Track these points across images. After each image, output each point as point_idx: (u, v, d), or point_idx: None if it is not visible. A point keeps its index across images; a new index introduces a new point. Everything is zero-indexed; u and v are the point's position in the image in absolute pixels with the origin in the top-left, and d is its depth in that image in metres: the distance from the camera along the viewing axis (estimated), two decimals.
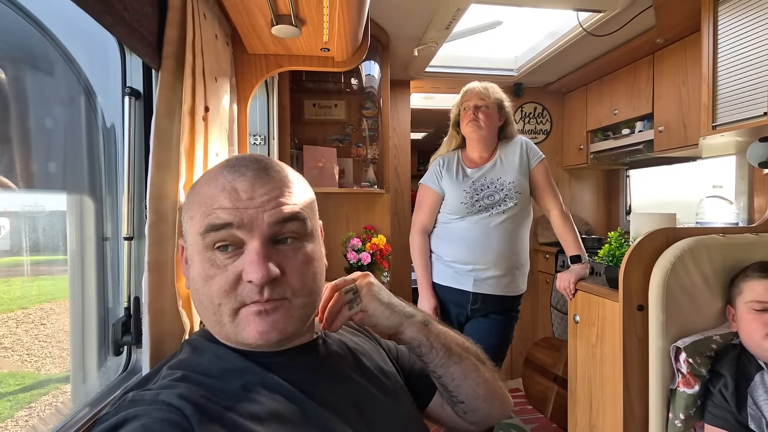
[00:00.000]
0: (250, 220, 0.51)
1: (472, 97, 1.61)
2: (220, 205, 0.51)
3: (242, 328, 0.52)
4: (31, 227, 0.75)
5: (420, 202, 1.71)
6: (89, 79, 0.83)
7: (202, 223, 0.51)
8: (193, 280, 0.54)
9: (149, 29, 0.74)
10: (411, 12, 1.92)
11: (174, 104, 0.78)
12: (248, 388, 0.52)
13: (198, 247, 0.52)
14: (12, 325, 0.77)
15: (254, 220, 0.51)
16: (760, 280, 1.01)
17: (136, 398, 0.48)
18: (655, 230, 1.18)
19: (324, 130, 2.33)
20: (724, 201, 1.58)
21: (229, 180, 0.52)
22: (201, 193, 0.53)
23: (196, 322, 0.82)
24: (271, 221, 0.52)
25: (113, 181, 0.86)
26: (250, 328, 0.51)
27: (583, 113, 2.86)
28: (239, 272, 0.51)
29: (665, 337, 1.08)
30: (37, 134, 0.75)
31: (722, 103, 1.58)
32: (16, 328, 0.78)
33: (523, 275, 1.66)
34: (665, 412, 1.09)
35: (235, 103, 1.13)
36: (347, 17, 0.97)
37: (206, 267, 0.52)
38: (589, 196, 3.19)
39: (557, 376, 2.32)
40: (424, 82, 2.84)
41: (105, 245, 0.86)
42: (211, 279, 0.51)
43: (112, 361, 0.85)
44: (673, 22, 1.93)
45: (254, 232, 0.51)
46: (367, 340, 0.73)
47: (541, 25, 2.30)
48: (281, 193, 0.54)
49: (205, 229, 0.51)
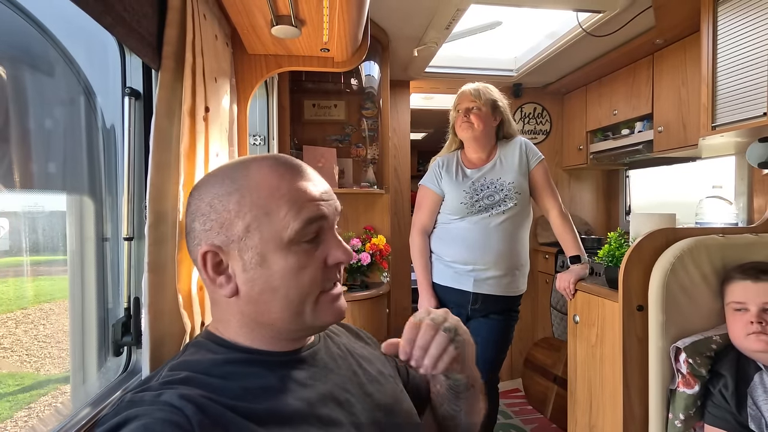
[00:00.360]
0: (332, 212, 0.57)
1: (464, 100, 1.62)
2: (311, 199, 0.54)
3: (323, 313, 0.57)
4: (31, 228, 0.75)
5: (420, 202, 1.71)
6: (89, 80, 0.83)
7: (299, 218, 0.53)
8: (273, 277, 0.53)
9: (149, 29, 0.74)
10: (411, 12, 1.92)
11: (174, 105, 0.78)
12: (250, 389, 0.52)
13: (282, 243, 0.53)
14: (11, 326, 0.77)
15: (333, 211, 0.57)
16: (739, 282, 1.04)
17: (137, 399, 0.47)
18: (655, 230, 1.18)
19: (324, 130, 2.33)
20: (724, 201, 1.58)
21: (297, 173, 0.56)
22: (273, 188, 0.53)
23: (197, 323, 0.82)
24: (335, 211, 0.58)
25: (113, 181, 0.86)
26: (329, 312, 0.57)
27: (583, 113, 2.86)
28: (324, 258, 0.56)
29: (665, 337, 1.09)
30: (36, 134, 0.75)
31: (722, 103, 1.58)
32: (15, 328, 0.78)
33: (523, 275, 1.66)
34: (665, 412, 1.09)
35: (235, 103, 1.13)
36: (347, 18, 0.97)
37: (297, 259, 0.54)
38: (589, 197, 3.19)
39: (557, 376, 2.33)
40: (423, 82, 2.84)
41: (105, 246, 0.86)
42: (304, 270, 0.54)
43: (112, 362, 0.85)
44: (673, 22, 1.93)
45: (332, 222, 0.57)
46: (366, 346, 0.74)
47: (540, 25, 2.30)
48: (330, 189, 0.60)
49: (303, 223, 0.53)
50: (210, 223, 0.54)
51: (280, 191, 0.54)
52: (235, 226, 0.53)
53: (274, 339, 0.58)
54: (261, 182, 0.54)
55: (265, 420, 0.49)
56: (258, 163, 0.56)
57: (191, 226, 0.56)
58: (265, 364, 0.56)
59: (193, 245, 0.56)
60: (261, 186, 0.54)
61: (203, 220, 0.55)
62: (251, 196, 0.54)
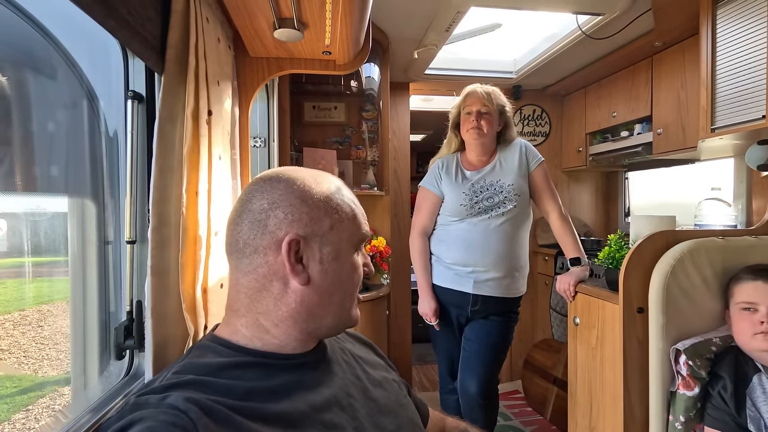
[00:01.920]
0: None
1: (475, 102, 1.60)
2: (365, 219, 0.67)
3: (355, 311, 0.65)
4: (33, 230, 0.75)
5: (419, 204, 1.71)
6: (92, 83, 0.83)
7: (359, 233, 0.64)
8: (342, 272, 0.61)
9: (153, 33, 0.74)
10: (411, 15, 1.92)
11: (177, 108, 0.78)
12: (255, 392, 0.52)
13: (351, 244, 0.62)
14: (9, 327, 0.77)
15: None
16: (749, 282, 1.04)
17: (142, 401, 0.48)
18: (655, 233, 1.18)
19: (324, 132, 2.33)
20: (723, 203, 1.59)
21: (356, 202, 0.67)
22: (352, 201, 0.65)
23: (200, 326, 0.82)
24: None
25: (115, 184, 0.86)
26: (356, 311, 0.65)
27: (582, 115, 2.87)
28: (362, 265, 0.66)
29: (665, 339, 1.09)
30: (39, 138, 0.74)
31: (721, 106, 1.58)
32: (13, 330, 0.77)
33: (523, 277, 1.66)
34: (665, 414, 1.09)
35: (236, 106, 1.13)
36: (349, 21, 0.97)
37: (356, 261, 0.63)
38: (588, 198, 3.20)
39: (557, 378, 2.33)
40: (423, 84, 2.85)
41: (107, 249, 0.86)
42: (358, 269, 0.64)
43: (114, 366, 0.85)
44: (672, 25, 1.94)
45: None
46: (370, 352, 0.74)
47: (540, 27, 2.31)
48: None
49: (361, 237, 0.64)
50: (299, 215, 0.58)
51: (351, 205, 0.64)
52: (322, 222, 0.59)
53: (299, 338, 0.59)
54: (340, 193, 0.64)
55: (270, 422, 0.50)
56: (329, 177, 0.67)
57: (271, 213, 0.58)
58: (271, 368, 0.56)
59: (271, 230, 0.58)
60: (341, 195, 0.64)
61: (290, 211, 0.58)
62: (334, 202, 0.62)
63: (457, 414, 1.73)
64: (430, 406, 0.82)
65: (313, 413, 0.54)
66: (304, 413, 0.53)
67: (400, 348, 2.65)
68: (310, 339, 0.61)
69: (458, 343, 1.67)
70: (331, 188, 0.63)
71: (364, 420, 0.58)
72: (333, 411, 0.56)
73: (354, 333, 0.77)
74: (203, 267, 0.85)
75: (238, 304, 0.59)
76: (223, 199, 0.97)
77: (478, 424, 1.62)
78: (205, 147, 0.85)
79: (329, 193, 0.62)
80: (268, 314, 0.58)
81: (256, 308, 0.58)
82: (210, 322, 0.87)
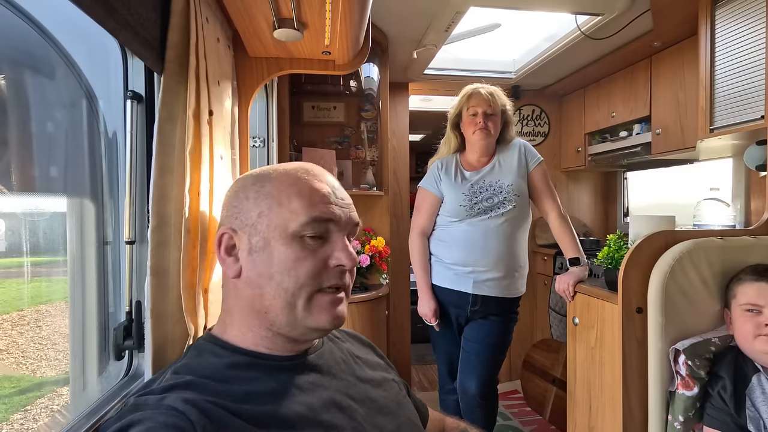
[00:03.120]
0: (346, 219, 0.59)
1: (481, 103, 1.59)
2: (324, 200, 0.57)
3: (315, 314, 0.57)
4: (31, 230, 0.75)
5: (419, 205, 1.71)
6: (91, 83, 0.82)
7: (307, 213, 0.56)
8: (270, 263, 0.55)
9: (152, 33, 0.74)
10: (410, 15, 1.92)
11: (176, 108, 0.78)
12: (253, 393, 0.52)
13: (286, 232, 0.56)
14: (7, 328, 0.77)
15: (347, 218, 0.60)
16: (753, 283, 1.03)
17: (141, 402, 0.48)
18: (654, 233, 1.18)
19: (323, 132, 2.33)
20: (721, 203, 1.59)
21: (319, 179, 0.59)
22: (294, 183, 0.57)
23: (200, 326, 0.82)
24: (350, 222, 0.60)
25: (114, 184, 0.86)
26: (324, 315, 0.57)
27: (581, 116, 2.87)
28: (326, 258, 0.57)
29: (664, 339, 1.09)
30: (38, 138, 0.74)
31: (719, 106, 1.59)
32: (11, 330, 0.77)
33: (523, 277, 1.66)
34: (664, 414, 1.09)
35: (236, 106, 1.13)
36: (349, 20, 0.97)
37: (297, 249, 0.56)
38: (587, 198, 3.20)
39: (556, 378, 2.33)
40: (422, 84, 2.85)
41: (106, 249, 0.86)
42: (302, 261, 0.56)
43: (113, 366, 0.84)
44: (671, 25, 1.94)
45: (343, 229, 0.59)
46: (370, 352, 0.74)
47: (539, 28, 2.31)
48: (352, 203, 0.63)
49: (309, 219, 0.56)
50: (232, 210, 0.59)
51: (297, 186, 0.57)
52: (251, 212, 0.57)
53: (275, 337, 0.57)
54: (282, 177, 0.58)
55: (268, 424, 0.50)
56: (289, 165, 0.61)
57: (222, 212, 0.61)
58: (269, 368, 0.56)
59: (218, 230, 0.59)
60: (281, 180, 0.58)
61: (228, 206, 0.60)
62: (269, 187, 0.57)
63: (457, 414, 1.73)
64: (429, 406, 0.82)
65: (312, 414, 0.53)
66: (302, 415, 0.53)
67: (400, 348, 2.65)
68: (288, 340, 0.58)
69: (458, 343, 1.67)
70: (271, 175, 0.59)
71: (362, 420, 0.58)
72: (331, 412, 0.56)
73: (353, 333, 0.77)
74: (204, 267, 0.85)
75: (224, 304, 0.61)
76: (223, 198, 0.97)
77: (477, 424, 1.62)
78: (206, 147, 0.84)
79: (265, 181, 0.58)
80: (234, 311, 0.59)
81: (228, 304, 0.60)
82: (210, 323, 0.86)
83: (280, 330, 0.57)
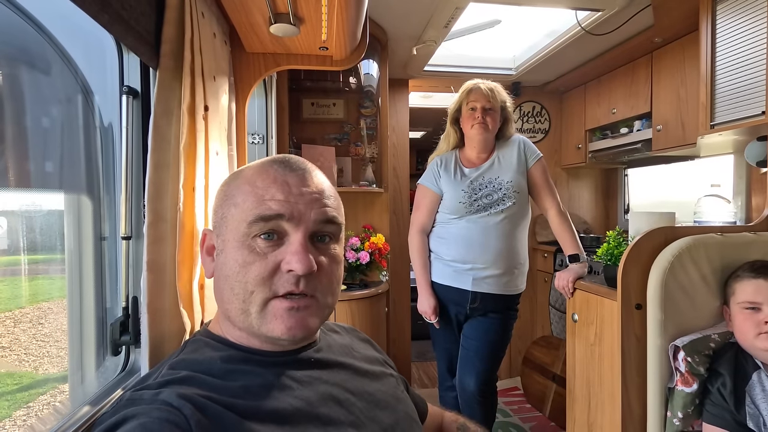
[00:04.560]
0: (299, 214, 0.53)
1: (480, 98, 1.59)
2: (272, 196, 0.53)
3: (269, 321, 0.53)
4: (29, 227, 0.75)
5: (418, 202, 1.70)
6: (86, 78, 0.82)
7: (252, 212, 0.52)
8: (225, 266, 0.54)
9: (147, 28, 0.73)
10: (410, 11, 1.91)
11: (172, 103, 0.77)
12: (250, 388, 0.52)
13: (238, 234, 0.53)
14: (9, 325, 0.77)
15: (303, 214, 0.53)
16: (751, 280, 1.02)
17: (136, 397, 0.47)
18: (654, 229, 1.18)
19: (322, 129, 2.32)
20: (722, 200, 1.58)
21: (280, 173, 0.54)
22: (249, 182, 0.54)
23: (197, 322, 0.82)
24: (317, 219, 0.54)
25: (110, 180, 0.86)
26: (277, 322, 0.53)
27: (582, 112, 2.86)
28: (279, 262, 0.52)
29: (663, 335, 1.09)
30: (33, 133, 0.74)
31: (720, 102, 1.58)
32: (14, 327, 0.77)
33: (522, 274, 1.66)
34: (663, 410, 1.09)
35: (233, 102, 1.13)
36: (346, 15, 0.96)
37: (245, 253, 0.52)
38: (588, 195, 3.19)
39: (556, 374, 2.33)
40: (422, 81, 2.84)
41: (103, 245, 0.86)
42: (250, 265, 0.52)
43: (110, 361, 0.85)
44: (672, 21, 1.93)
45: (300, 225, 0.53)
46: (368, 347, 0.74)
47: (539, 24, 2.30)
48: (326, 195, 0.57)
49: (254, 218, 0.52)
50: (213, 208, 0.58)
51: (254, 185, 0.54)
52: (218, 213, 0.56)
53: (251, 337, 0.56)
54: (247, 173, 0.56)
55: (265, 419, 0.49)
56: (260, 160, 0.58)
57: None
58: (265, 363, 0.56)
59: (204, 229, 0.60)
60: (244, 177, 0.55)
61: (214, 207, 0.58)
62: (233, 184, 0.56)
63: (456, 411, 1.73)
64: (429, 402, 0.82)
65: (309, 408, 0.53)
66: (299, 409, 0.52)
67: (400, 345, 2.66)
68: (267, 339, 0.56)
69: (457, 340, 1.67)
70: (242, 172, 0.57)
71: (360, 414, 0.58)
72: (328, 406, 0.55)
73: (352, 328, 0.77)
74: (199, 263, 0.85)
75: None
76: None
77: (476, 421, 1.62)
78: (201, 142, 0.84)
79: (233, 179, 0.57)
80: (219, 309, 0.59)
81: None
82: (206, 318, 0.87)
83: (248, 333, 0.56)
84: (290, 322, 0.53)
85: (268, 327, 0.53)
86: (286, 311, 0.53)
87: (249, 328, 0.54)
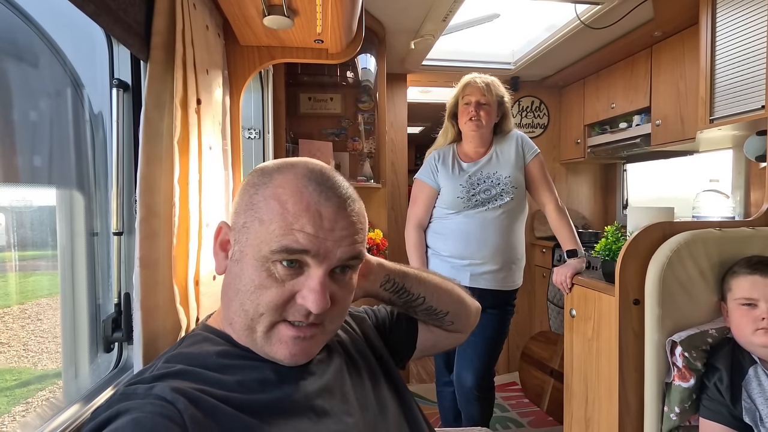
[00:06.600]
0: (326, 251, 0.51)
1: (474, 92, 1.58)
2: (302, 227, 0.50)
3: (274, 344, 0.53)
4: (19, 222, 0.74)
5: (415, 197, 1.69)
6: (76, 71, 0.81)
7: (278, 241, 0.50)
8: (240, 281, 0.52)
9: (136, 19, 0.72)
10: (408, 4, 1.89)
11: (163, 96, 0.76)
12: (245, 382, 0.52)
13: (259, 255, 0.51)
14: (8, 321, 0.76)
15: (329, 252, 0.52)
16: (747, 276, 1.02)
17: (130, 391, 0.47)
18: (652, 224, 1.17)
19: (320, 123, 2.31)
20: (721, 195, 1.57)
21: (315, 199, 0.52)
22: (280, 200, 0.51)
23: (192, 318, 0.81)
24: (342, 257, 0.53)
25: (101, 175, 0.85)
26: (282, 347, 0.53)
27: (581, 107, 2.85)
28: (295, 292, 0.52)
29: (661, 331, 1.08)
30: (22, 127, 0.73)
31: (720, 96, 1.57)
32: (12, 323, 0.77)
33: (519, 269, 1.65)
34: (660, 405, 1.09)
35: (227, 95, 1.11)
36: (341, 7, 0.95)
37: (263, 276, 0.51)
38: (586, 191, 3.19)
39: (554, 369, 2.33)
40: (420, 75, 2.82)
41: (94, 240, 0.85)
42: (266, 289, 0.51)
43: (102, 358, 0.84)
44: (671, 14, 1.91)
45: (324, 263, 0.52)
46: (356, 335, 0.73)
47: (538, 18, 2.28)
48: (356, 230, 0.55)
49: (279, 248, 0.50)
50: (235, 204, 0.56)
51: (284, 206, 0.51)
52: (240, 217, 0.54)
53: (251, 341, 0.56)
54: (276, 190, 0.52)
55: (260, 412, 0.49)
56: (292, 169, 0.54)
57: None
58: (261, 360, 0.55)
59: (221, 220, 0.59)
60: (275, 189, 0.52)
61: (235, 199, 0.57)
62: (261, 195, 0.53)
63: (454, 406, 1.74)
64: (427, 398, 0.81)
65: (304, 400, 0.53)
66: (294, 401, 0.53)
67: None
68: None
69: None
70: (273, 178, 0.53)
71: (355, 405, 0.58)
72: (323, 398, 0.56)
73: None
74: (195, 259, 0.84)
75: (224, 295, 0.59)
76: (214, 190, 0.96)
77: (474, 416, 1.63)
78: (194, 136, 0.83)
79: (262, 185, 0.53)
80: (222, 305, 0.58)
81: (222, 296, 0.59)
82: (202, 314, 0.86)
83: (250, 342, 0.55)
84: (294, 350, 0.53)
85: (271, 348, 0.53)
86: (292, 339, 0.53)
87: (252, 344, 0.54)
